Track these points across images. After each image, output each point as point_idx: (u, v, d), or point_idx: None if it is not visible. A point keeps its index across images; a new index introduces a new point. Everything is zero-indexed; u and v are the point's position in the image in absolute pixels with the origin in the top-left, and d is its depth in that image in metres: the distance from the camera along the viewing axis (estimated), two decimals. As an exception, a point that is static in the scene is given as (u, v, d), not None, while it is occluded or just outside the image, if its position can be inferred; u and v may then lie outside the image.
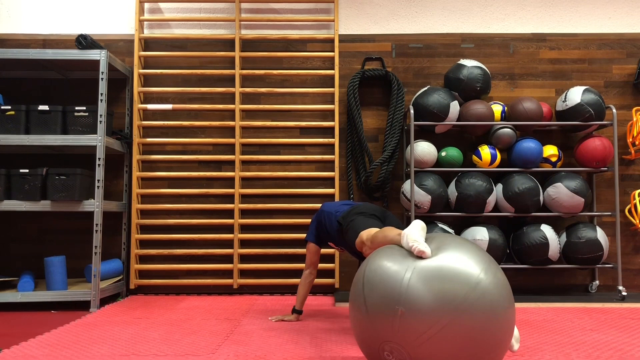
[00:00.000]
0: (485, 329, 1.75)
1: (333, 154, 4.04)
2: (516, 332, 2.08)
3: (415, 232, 1.95)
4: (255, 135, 4.09)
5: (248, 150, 4.08)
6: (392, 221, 2.77)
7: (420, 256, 1.87)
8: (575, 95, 3.77)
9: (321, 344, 2.48)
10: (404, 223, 4.01)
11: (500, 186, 3.76)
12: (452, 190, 3.76)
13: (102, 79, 3.55)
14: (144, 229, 4.02)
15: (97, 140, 3.49)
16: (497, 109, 3.90)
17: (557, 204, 3.71)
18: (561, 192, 3.68)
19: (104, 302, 3.62)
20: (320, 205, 3.54)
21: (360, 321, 1.94)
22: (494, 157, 3.80)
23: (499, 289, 1.82)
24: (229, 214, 4.01)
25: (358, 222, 2.62)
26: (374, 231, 2.38)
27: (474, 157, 3.86)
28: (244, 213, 4.03)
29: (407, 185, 3.80)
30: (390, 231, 2.18)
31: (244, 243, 4.02)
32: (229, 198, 4.02)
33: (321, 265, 3.69)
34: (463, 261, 1.83)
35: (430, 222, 3.78)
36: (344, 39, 4.14)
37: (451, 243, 1.93)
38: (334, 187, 4.00)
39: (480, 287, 1.77)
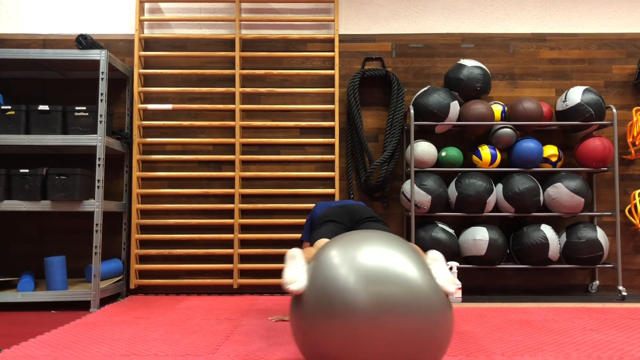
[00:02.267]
0: (420, 329, 1.73)
1: (333, 154, 4.04)
2: (449, 276, 1.96)
3: (287, 272, 1.92)
4: (255, 135, 4.09)
5: (248, 150, 4.08)
6: (355, 216, 2.78)
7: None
8: (575, 95, 3.77)
9: (321, 344, 2.48)
10: (403, 223, 4.02)
11: (500, 186, 3.76)
12: (452, 190, 3.76)
13: (102, 79, 3.55)
14: (144, 229, 4.02)
15: (97, 140, 3.49)
16: (497, 109, 3.90)
17: (557, 204, 3.71)
18: (561, 192, 3.68)
19: (104, 302, 3.62)
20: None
21: (301, 333, 1.91)
22: (494, 157, 3.80)
23: (430, 287, 1.80)
24: (229, 214, 4.01)
25: (314, 234, 2.68)
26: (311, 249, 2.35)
27: (474, 157, 3.86)
28: (244, 213, 4.03)
29: (407, 185, 3.80)
30: (309, 253, 2.16)
31: (244, 243, 4.01)
32: (229, 198, 4.02)
33: (321, 265, 3.69)
34: (397, 260, 1.81)
35: (430, 222, 3.78)
36: (344, 39, 4.14)
37: (376, 240, 1.90)
38: (334, 187, 4.00)
39: (411, 286, 1.76)
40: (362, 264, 1.81)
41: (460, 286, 3.57)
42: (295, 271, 1.91)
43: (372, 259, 1.82)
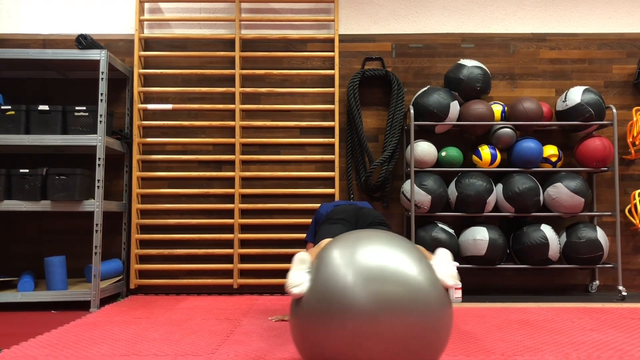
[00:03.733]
0: (417, 326, 1.73)
1: (333, 154, 4.04)
2: (451, 270, 1.95)
3: (291, 275, 1.93)
4: (255, 135, 4.09)
5: (248, 150, 4.08)
6: (366, 219, 2.77)
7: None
8: (575, 95, 3.77)
9: (321, 344, 2.48)
10: (403, 223, 4.02)
11: (500, 186, 3.76)
12: (452, 190, 3.76)
13: (102, 79, 3.55)
14: (144, 229, 4.02)
15: (97, 140, 3.49)
16: (497, 108, 3.90)
17: (557, 204, 3.71)
18: (561, 192, 3.68)
19: (104, 302, 3.62)
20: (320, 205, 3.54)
21: (300, 336, 1.91)
22: (494, 157, 3.80)
23: (430, 284, 1.79)
24: (229, 214, 4.01)
25: (320, 233, 2.66)
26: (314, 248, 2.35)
27: (474, 157, 3.86)
28: (244, 213, 4.03)
29: (407, 185, 3.80)
30: (313, 253, 2.16)
31: (244, 243, 4.02)
32: (229, 198, 4.02)
33: (321, 265, 3.69)
34: (395, 258, 1.81)
35: (431, 222, 3.78)
36: (344, 39, 4.14)
37: (377, 239, 1.90)
38: (334, 187, 4.00)
39: (410, 284, 1.76)
40: (361, 263, 1.81)
41: (460, 286, 3.57)
42: (299, 275, 1.93)
43: (371, 257, 1.82)
